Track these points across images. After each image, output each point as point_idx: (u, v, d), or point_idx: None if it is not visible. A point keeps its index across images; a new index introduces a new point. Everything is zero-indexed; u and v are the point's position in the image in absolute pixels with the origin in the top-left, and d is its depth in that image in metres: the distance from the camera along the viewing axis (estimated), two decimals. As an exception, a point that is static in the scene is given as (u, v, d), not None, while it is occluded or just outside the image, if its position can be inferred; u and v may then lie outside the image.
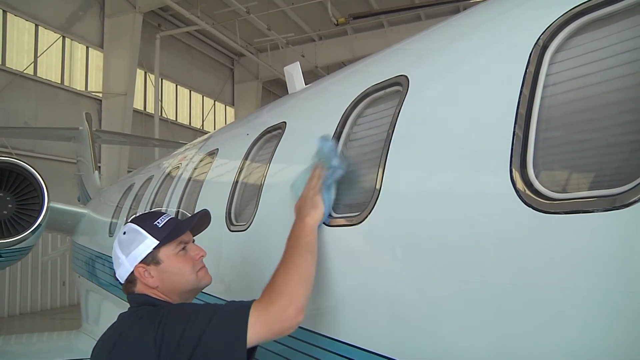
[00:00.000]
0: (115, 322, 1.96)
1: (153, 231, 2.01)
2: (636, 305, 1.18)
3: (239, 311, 1.80)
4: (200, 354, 1.71)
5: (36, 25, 16.52)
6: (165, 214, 2.13)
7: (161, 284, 1.99)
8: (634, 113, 1.39)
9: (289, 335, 2.22)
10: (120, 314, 2.00)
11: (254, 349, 1.87)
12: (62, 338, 7.77)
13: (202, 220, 2.21)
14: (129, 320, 1.91)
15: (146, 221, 2.06)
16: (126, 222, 2.12)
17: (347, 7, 17.96)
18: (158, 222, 2.04)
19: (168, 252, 2.01)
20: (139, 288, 2.01)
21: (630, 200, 1.21)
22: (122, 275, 2.03)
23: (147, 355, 1.73)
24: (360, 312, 2.04)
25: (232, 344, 1.74)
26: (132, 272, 1.99)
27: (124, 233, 2.06)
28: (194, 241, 2.15)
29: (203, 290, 2.30)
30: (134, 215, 2.29)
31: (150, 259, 1.99)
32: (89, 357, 1.94)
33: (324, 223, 2.17)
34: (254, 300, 1.84)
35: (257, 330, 1.77)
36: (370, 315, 1.98)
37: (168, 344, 1.72)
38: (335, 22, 17.81)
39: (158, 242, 1.99)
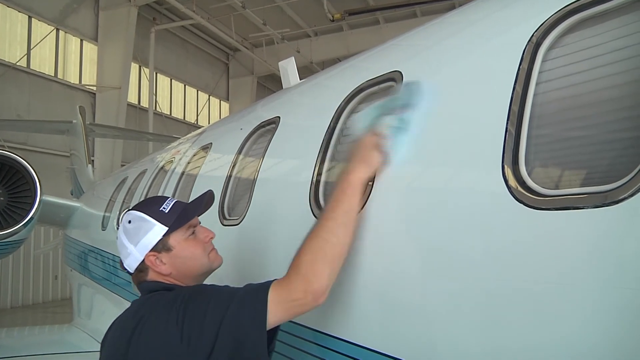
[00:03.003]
0: (130, 308, 1.92)
1: (160, 217, 1.95)
2: (628, 301, 1.19)
3: (259, 291, 1.76)
4: (224, 335, 1.67)
5: (29, 17, 16.39)
6: (168, 198, 2.08)
7: (174, 270, 1.94)
8: (626, 110, 1.40)
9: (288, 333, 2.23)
10: (134, 301, 1.97)
11: (275, 329, 1.83)
12: (54, 332, 7.75)
13: (208, 201, 2.17)
14: (147, 304, 1.86)
15: (151, 207, 2.00)
16: (127, 210, 2.06)
17: (343, 3, 17.98)
18: (164, 208, 1.98)
19: (178, 238, 1.96)
20: (151, 276, 1.96)
21: (621, 197, 1.22)
22: (131, 265, 1.97)
23: (171, 338, 1.69)
24: (352, 307, 2.04)
25: (252, 325, 1.70)
26: (143, 261, 1.94)
27: (129, 222, 1.98)
28: (200, 223, 2.10)
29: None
30: (137, 203, 2.20)
31: (161, 246, 1.94)
32: (82, 350, 1.93)
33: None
34: (275, 280, 1.78)
35: (276, 311, 1.72)
36: (361, 312, 1.99)
37: (190, 326, 1.69)
38: (331, 18, 17.85)
39: (167, 228, 1.94)
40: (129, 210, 2.05)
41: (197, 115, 24.45)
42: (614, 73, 1.44)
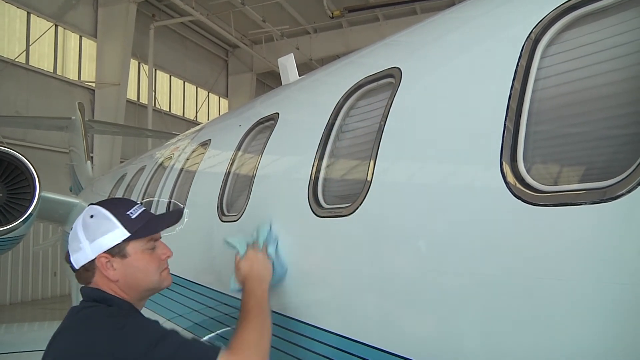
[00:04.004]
0: (68, 316, 1.84)
1: (126, 221, 1.87)
2: (625, 296, 1.19)
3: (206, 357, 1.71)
4: None
5: (28, 13, 16.35)
6: (138, 204, 1.99)
7: (122, 278, 1.85)
8: (624, 107, 1.40)
9: (281, 326, 2.23)
10: (72, 307, 1.88)
11: None
12: (53, 328, 7.71)
13: (177, 218, 2.13)
14: (81, 316, 1.79)
15: (119, 209, 1.91)
16: (92, 204, 1.94)
17: (342, 0, 17.93)
18: (131, 213, 1.90)
19: (137, 247, 1.88)
20: (97, 279, 1.86)
21: (619, 193, 1.22)
22: (79, 260, 1.86)
23: (99, 356, 1.62)
24: (350, 303, 2.05)
25: None
26: (93, 260, 1.83)
27: (92, 217, 1.87)
28: (160, 238, 2.02)
29: (195, 281, 2.30)
30: (104, 200, 2.10)
31: (117, 251, 1.84)
32: None
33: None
34: (220, 348, 1.74)
35: None
36: (360, 307, 1.99)
37: (125, 355, 1.62)
38: (331, 15, 17.81)
39: (129, 234, 1.85)
40: (93, 204, 1.95)
41: (197, 112, 24.43)
42: (612, 70, 1.44)
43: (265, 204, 2.77)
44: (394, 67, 2.18)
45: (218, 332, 3.04)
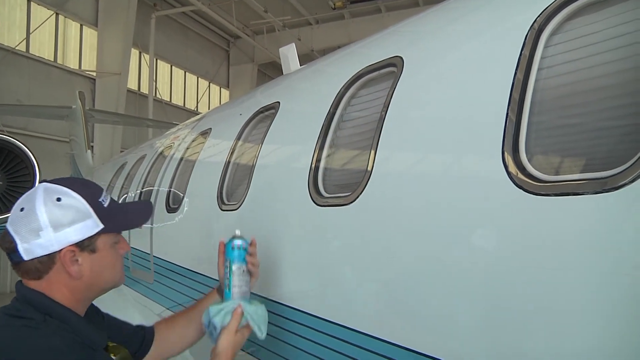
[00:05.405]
0: None
1: (99, 211, 1.59)
2: (626, 287, 1.19)
3: None
4: None
5: (29, 1, 16.25)
6: (103, 189, 1.71)
7: (86, 276, 1.57)
8: (626, 97, 1.39)
9: (284, 317, 2.23)
10: (3, 311, 1.54)
11: None
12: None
13: (149, 213, 1.91)
14: (12, 329, 1.46)
15: (90, 194, 1.61)
16: (50, 182, 1.60)
17: (345, -10, 17.83)
18: (103, 201, 1.63)
19: (107, 241, 1.63)
20: (51, 276, 1.54)
21: (621, 183, 1.21)
22: (33, 251, 1.51)
23: None
24: (350, 292, 2.05)
25: None
26: (55, 253, 1.52)
27: (59, 199, 1.54)
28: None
29: (196, 270, 2.29)
30: (64, 177, 1.76)
31: (87, 244, 1.57)
32: None
33: None
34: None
35: None
36: (360, 296, 1.99)
37: None
38: (333, 6, 17.76)
39: (103, 226, 1.59)
40: (52, 182, 1.60)
41: (197, 102, 24.36)
42: (615, 60, 1.43)
43: (265, 193, 2.77)
44: (396, 56, 2.17)
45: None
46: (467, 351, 1.55)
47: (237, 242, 2.02)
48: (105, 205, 1.63)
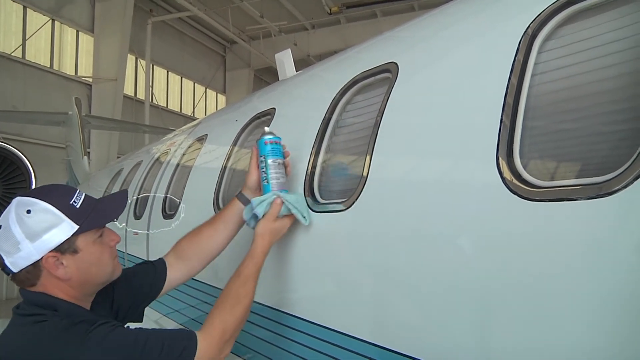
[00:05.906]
0: (10, 326, 1.69)
1: (71, 213, 1.65)
2: (621, 292, 1.19)
3: (187, 345, 1.65)
4: None
5: (24, 7, 16.25)
6: (77, 190, 1.77)
7: (75, 276, 1.67)
8: (621, 102, 1.40)
9: (276, 321, 2.23)
10: (16, 312, 1.70)
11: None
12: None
13: (124, 202, 1.95)
14: (26, 328, 1.62)
15: (59, 199, 1.67)
16: (22, 195, 1.69)
17: (341, -4, 17.88)
18: (75, 202, 1.69)
19: (87, 240, 1.69)
20: (43, 282, 1.66)
21: (616, 188, 1.22)
22: (18, 263, 1.62)
23: None
24: (346, 298, 2.04)
25: None
26: (38, 261, 1.62)
27: (28, 212, 1.61)
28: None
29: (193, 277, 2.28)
30: (37, 187, 1.87)
31: (67, 247, 1.64)
32: None
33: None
34: (194, 332, 1.70)
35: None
36: (355, 302, 1.99)
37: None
38: (329, 11, 17.78)
39: (78, 227, 1.65)
40: (23, 196, 1.68)
41: (194, 108, 24.37)
42: (609, 65, 1.43)
43: (261, 199, 2.76)
44: (391, 62, 2.17)
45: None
46: (462, 357, 1.55)
47: (269, 137, 2.22)
48: (78, 206, 1.69)
